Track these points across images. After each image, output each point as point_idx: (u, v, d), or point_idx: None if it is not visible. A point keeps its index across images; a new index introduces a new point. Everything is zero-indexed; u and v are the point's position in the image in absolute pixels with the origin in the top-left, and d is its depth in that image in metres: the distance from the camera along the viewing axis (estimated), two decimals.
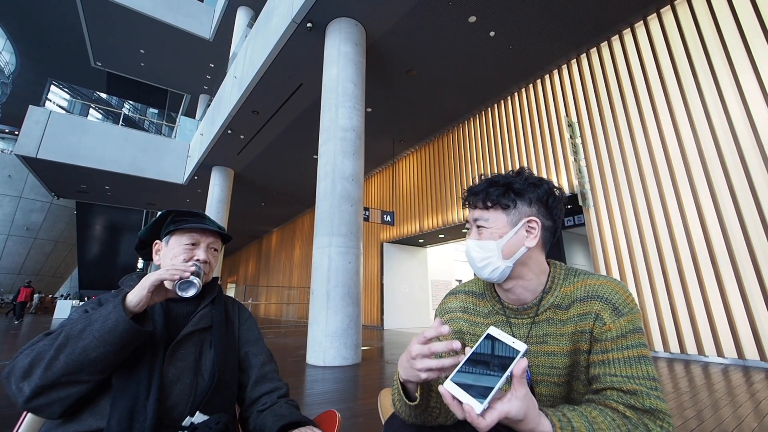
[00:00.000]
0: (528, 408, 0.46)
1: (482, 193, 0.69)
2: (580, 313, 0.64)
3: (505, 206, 0.67)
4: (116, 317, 0.60)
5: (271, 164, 8.98)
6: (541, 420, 0.48)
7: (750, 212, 3.52)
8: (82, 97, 11.26)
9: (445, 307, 0.79)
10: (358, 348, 3.80)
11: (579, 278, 0.67)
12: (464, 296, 0.78)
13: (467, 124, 7.02)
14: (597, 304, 0.62)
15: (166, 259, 0.80)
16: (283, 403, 0.76)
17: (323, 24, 4.70)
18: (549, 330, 0.67)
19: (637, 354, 0.58)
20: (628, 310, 0.61)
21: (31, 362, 0.57)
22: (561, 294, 0.67)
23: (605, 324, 0.61)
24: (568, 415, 0.52)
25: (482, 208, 0.69)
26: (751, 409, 2.04)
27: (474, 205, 0.70)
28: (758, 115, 3.58)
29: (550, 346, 0.66)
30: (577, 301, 0.65)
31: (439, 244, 9.44)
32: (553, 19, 4.66)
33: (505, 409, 0.45)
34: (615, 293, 0.62)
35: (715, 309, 3.62)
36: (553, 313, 0.67)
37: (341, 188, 4.10)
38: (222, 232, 0.86)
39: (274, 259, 15.37)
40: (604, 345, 0.60)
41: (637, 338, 0.59)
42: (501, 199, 0.67)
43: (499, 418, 0.44)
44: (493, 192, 0.68)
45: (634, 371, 0.57)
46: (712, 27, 4.04)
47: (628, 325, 0.60)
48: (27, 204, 19.72)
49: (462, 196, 0.75)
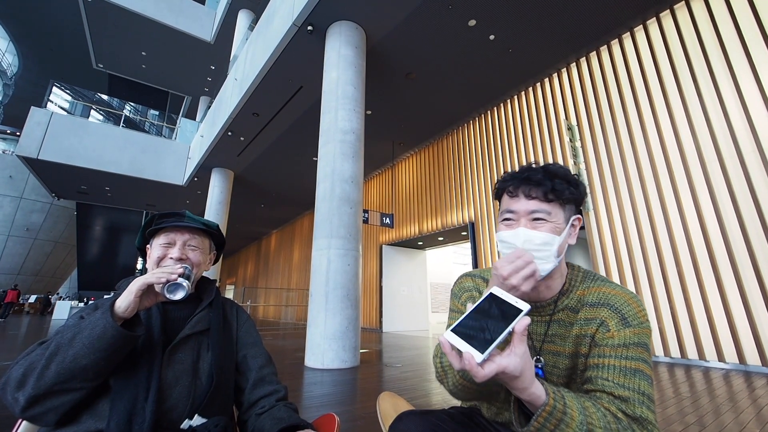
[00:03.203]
0: (524, 366, 0.47)
1: (546, 184, 0.62)
2: (587, 317, 0.63)
3: (566, 201, 0.64)
4: (104, 324, 0.59)
5: (270, 166, 9.00)
6: (536, 383, 0.49)
7: (750, 216, 3.52)
8: (84, 99, 11.31)
9: (462, 286, 0.81)
10: (356, 351, 3.79)
11: (595, 284, 0.66)
12: (480, 280, 0.79)
13: (467, 127, 7.03)
14: (605, 311, 0.62)
15: (150, 261, 0.80)
16: (281, 406, 0.76)
17: (324, 27, 4.73)
18: (558, 330, 0.67)
19: (635, 367, 0.56)
20: (638, 323, 0.59)
21: (24, 372, 0.57)
22: (575, 297, 0.66)
23: (609, 331, 0.60)
24: (563, 392, 0.52)
25: (542, 200, 0.63)
26: (753, 415, 2.03)
27: (529, 195, 0.63)
28: (758, 119, 3.59)
29: (556, 346, 0.66)
30: (587, 305, 0.64)
31: (438, 247, 9.43)
32: (552, 23, 4.68)
33: (504, 362, 0.45)
34: (627, 304, 0.61)
35: (715, 313, 3.61)
36: (566, 315, 0.66)
37: (341, 190, 4.10)
38: (203, 228, 0.83)
39: (273, 260, 15.35)
40: (602, 350, 0.59)
41: (639, 352, 0.57)
42: (566, 192, 0.63)
43: (497, 370, 0.45)
44: (559, 185, 0.62)
45: (628, 382, 0.55)
46: (711, 31, 4.06)
47: (634, 337, 0.58)
48: (27, 205, 19.72)
49: (505, 180, 0.68)
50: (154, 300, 0.68)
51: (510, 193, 0.67)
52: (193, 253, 0.81)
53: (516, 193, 0.65)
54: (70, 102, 11.27)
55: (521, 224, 0.63)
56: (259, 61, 5.81)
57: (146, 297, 0.66)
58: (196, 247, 0.82)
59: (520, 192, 0.65)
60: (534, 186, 0.64)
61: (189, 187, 10.08)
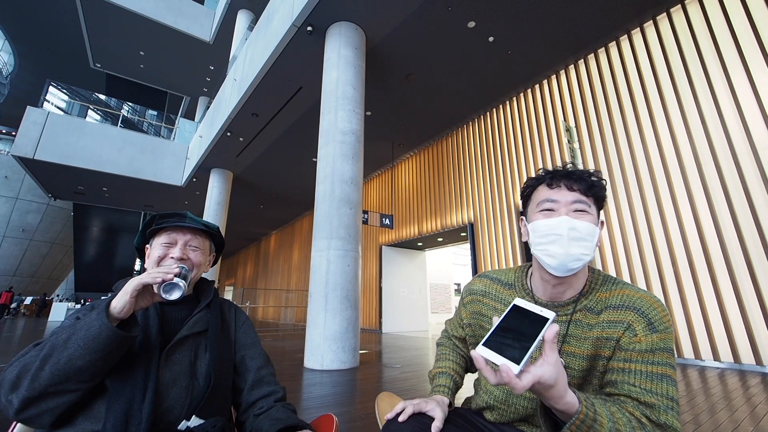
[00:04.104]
0: (559, 374, 0.46)
1: (587, 180, 0.65)
2: (610, 320, 0.63)
3: (599, 199, 0.66)
4: (99, 324, 0.59)
5: (270, 167, 8.99)
6: (569, 392, 0.48)
7: (745, 216, 3.55)
8: (81, 99, 11.25)
9: (470, 288, 0.82)
10: (356, 351, 3.78)
11: (617, 287, 0.66)
12: (489, 282, 0.79)
13: (466, 129, 7.05)
14: (631, 315, 0.61)
15: (149, 260, 0.79)
16: (279, 407, 0.75)
17: (323, 28, 4.73)
18: (574, 331, 0.66)
19: (662, 372, 0.57)
20: (663, 327, 0.59)
21: (18, 374, 0.56)
22: (596, 298, 0.66)
23: (636, 335, 0.59)
24: (592, 399, 0.52)
25: (583, 193, 0.65)
26: (747, 413, 2.05)
27: (571, 187, 0.65)
28: (752, 120, 3.62)
29: (571, 347, 0.66)
30: (610, 308, 0.63)
31: (437, 248, 9.43)
32: (551, 25, 4.70)
33: (539, 372, 0.45)
34: (653, 308, 0.61)
35: (711, 313, 3.63)
36: (583, 315, 0.66)
37: (340, 191, 4.10)
38: (204, 229, 0.83)
39: (272, 261, 15.32)
40: (629, 354, 0.59)
41: (666, 357, 0.58)
42: (601, 191, 0.66)
43: (534, 381, 0.45)
44: (597, 184, 0.65)
45: (655, 387, 0.56)
46: (706, 33, 4.09)
47: (660, 342, 0.58)
48: (23, 205, 19.59)
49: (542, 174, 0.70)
50: (150, 300, 0.67)
51: (550, 185, 0.67)
52: (194, 253, 0.81)
53: (558, 184, 0.66)
54: (67, 102, 11.21)
55: (562, 213, 0.64)
56: (258, 62, 5.81)
57: (142, 297, 0.66)
58: (197, 247, 0.82)
59: (562, 183, 0.66)
60: (575, 180, 0.65)
61: (187, 187, 10.05)
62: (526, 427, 0.71)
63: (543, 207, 0.66)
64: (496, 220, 6.02)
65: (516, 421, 0.71)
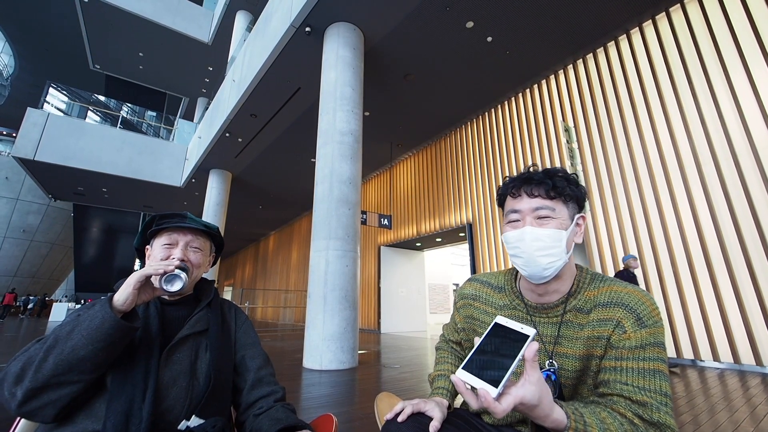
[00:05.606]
0: (542, 393, 0.45)
1: (546, 182, 0.64)
2: (600, 318, 0.62)
3: (568, 198, 0.65)
4: (102, 315, 0.60)
5: (268, 167, 8.99)
6: (555, 408, 0.48)
7: (745, 217, 3.55)
8: (81, 100, 11.25)
9: (462, 292, 0.82)
10: (355, 352, 3.79)
11: (605, 284, 0.65)
12: (480, 285, 0.79)
13: (465, 129, 7.06)
14: (620, 311, 0.61)
15: (150, 261, 0.80)
16: (279, 407, 0.76)
17: (322, 28, 4.74)
18: (565, 332, 0.66)
19: (653, 367, 0.56)
20: (653, 322, 0.59)
21: (23, 366, 0.57)
22: (584, 297, 0.66)
23: (625, 332, 0.59)
24: (581, 410, 0.52)
25: (545, 197, 0.64)
26: (747, 414, 2.05)
27: (532, 193, 0.65)
28: (752, 120, 3.63)
29: (563, 348, 0.66)
30: (599, 306, 0.63)
31: (436, 248, 9.44)
32: (550, 25, 4.71)
33: (520, 393, 0.44)
34: (641, 303, 0.60)
35: (711, 314, 3.64)
36: (574, 316, 0.66)
37: (339, 192, 4.10)
38: (205, 229, 0.83)
39: (271, 262, 15.31)
40: (619, 352, 0.59)
41: (657, 352, 0.57)
42: (566, 189, 0.64)
43: (514, 402, 0.44)
44: (560, 182, 0.64)
45: (647, 383, 0.55)
46: (706, 33, 4.10)
47: (650, 337, 0.58)
48: (24, 206, 19.57)
49: (506, 183, 0.69)
50: (152, 294, 0.68)
51: (513, 194, 0.67)
52: (194, 254, 0.81)
53: (519, 193, 0.66)
54: (66, 103, 11.23)
55: (527, 223, 0.64)
56: (257, 63, 5.81)
57: (144, 290, 0.66)
58: (197, 248, 0.82)
59: (523, 191, 0.65)
60: (536, 185, 0.64)
61: (186, 188, 10.05)
62: (524, 428, 0.71)
63: (509, 219, 0.67)
64: (495, 221, 6.03)
65: (515, 422, 0.72)
